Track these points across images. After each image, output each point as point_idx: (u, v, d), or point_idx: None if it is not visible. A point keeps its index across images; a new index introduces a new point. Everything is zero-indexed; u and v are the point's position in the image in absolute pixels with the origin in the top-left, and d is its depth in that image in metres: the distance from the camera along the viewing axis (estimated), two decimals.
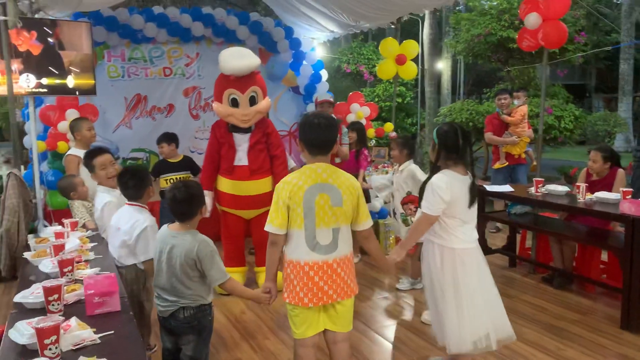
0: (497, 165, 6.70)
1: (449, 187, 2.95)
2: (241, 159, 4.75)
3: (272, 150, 4.86)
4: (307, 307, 2.67)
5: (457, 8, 15.70)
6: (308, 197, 2.60)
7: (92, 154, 3.68)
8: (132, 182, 3.23)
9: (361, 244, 2.87)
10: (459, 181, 3.00)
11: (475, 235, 3.11)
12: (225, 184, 4.82)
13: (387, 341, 3.97)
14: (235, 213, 4.86)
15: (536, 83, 9.22)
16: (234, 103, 4.63)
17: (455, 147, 2.98)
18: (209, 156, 4.87)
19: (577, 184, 4.75)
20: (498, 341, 3.03)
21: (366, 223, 2.74)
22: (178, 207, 2.69)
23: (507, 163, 6.58)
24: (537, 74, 10.02)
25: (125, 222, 3.15)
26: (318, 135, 2.65)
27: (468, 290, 2.99)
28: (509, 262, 5.68)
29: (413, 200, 4.52)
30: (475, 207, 3.08)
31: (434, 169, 3.08)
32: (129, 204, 3.24)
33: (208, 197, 4.68)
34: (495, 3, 9.41)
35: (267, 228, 2.67)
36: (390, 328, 4.16)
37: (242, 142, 4.76)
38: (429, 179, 3.07)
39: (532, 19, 4.94)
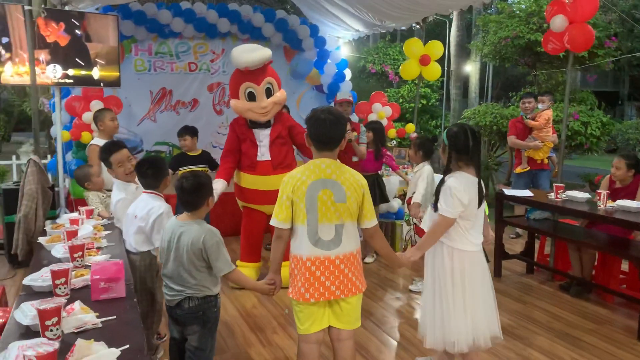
0: (518, 170, 6.60)
1: (466, 190, 2.93)
2: (264, 154, 4.79)
3: (301, 139, 4.85)
4: (309, 303, 2.68)
5: (488, 11, 15.51)
6: (311, 192, 2.61)
7: (109, 150, 3.65)
8: (151, 171, 3.27)
9: (368, 242, 2.86)
10: (472, 183, 2.98)
11: (481, 238, 3.10)
12: (248, 180, 4.85)
13: (396, 342, 3.95)
14: (258, 209, 4.88)
15: (564, 88, 9.04)
16: (251, 97, 4.68)
17: (466, 148, 2.95)
18: (227, 152, 4.91)
19: (599, 190, 4.65)
20: (490, 338, 3.06)
21: (370, 222, 2.72)
22: (185, 197, 2.72)
23: (528, 167, 6.48)
24: (566, 79, 9.82)
25: (142, 209, 3.19)
26: (324, 131, 2.65)
27: (472, 292, 3.00)
28: (527, 269, 5.59)
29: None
30: (481, 210, 3.06)
31: (446, 171, 3.06)
32: (145, 192, 3.29)
33: (217, 182, 4.63)
34: (524, 6, 9.26)
35: (272, 222, 2.69)
36: (400, 329, 4.13)
37: (263, 138, 4.81)
38: (442, 181, 3.05)
39: (558, 22, 4.85)
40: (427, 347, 3.17)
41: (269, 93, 4.73)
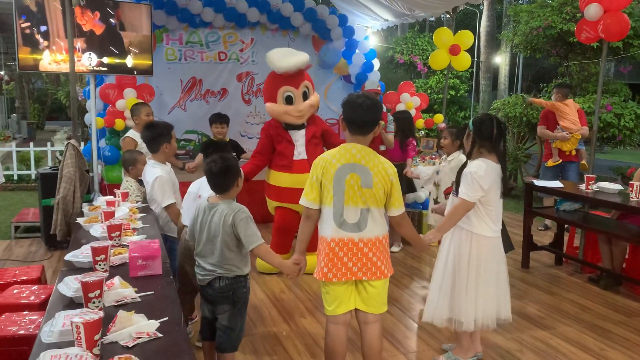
0: (550, 163, 6.53)
1: (487, 174, 3.01)
2: (300, 153, 4.92)
3: (334, 140, 5.08)
4: (334, 284, 2.73)
5: (519, 1, 15.25)
6: (339, 175, 2.66)
7: (170, 127, 3.82)
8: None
9: (396, 229, 2.90)
10: (494, 169, 3.06)
11: (500, 225, 3.19)
12: (284, 179, 4.93)
13: (421, 328, 3.97)
14: (292, 207, 4.93)
15: (596, 79, 8.87)
16: (289, 100, 4.81)
17: (490, 135, 3.04)
18: (258, 153, 5.00)
19: (632, 182, 4.58)
20: (499, 320, 3.20)
21: (397, 210, 2.74)
22: (214, 179, 2.79)
23: (560, 160, 6.41)
24: (599, 70, 9.63)
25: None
26: (360, 115, 2.69)
27: (486, 276, 3.10)
28: (555, 260, 5.54)
29: None
30: (501, 199, 3.14)
31: (468, 157, 3.15)
32: None
33: None
34: None
35: (301, 202, 2.76)
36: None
37: (299, 137, 4.94)
38: (464, 166, 3.13)
39: (593, 10, 4.77)
40: (423, 320, 3.37)
41: (305, 96, 4.87)
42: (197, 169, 4.64)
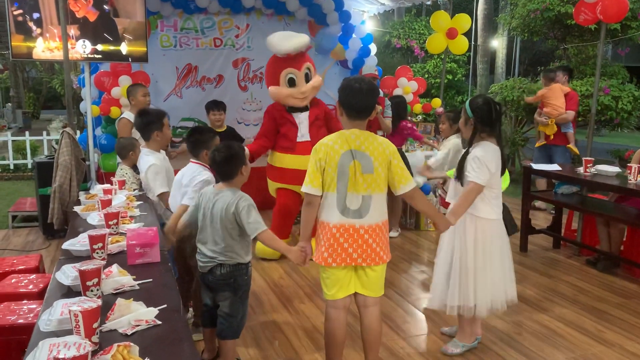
0: (537, 144, 6.80)
1: (493, 158, 3.04)
2: (304, 135, 4.94)
3: (334, 124, 5.05)
4: (333, 268, 2.73)
5: None
6: (342, 162, 2.64)
7: (163, 114, 3.77)
8: (194, 137, 3.38)
9: (411, 205, 2.87)
10: (496, 152, 3.09)
11: (501, 207, 3.21)
12: (288, 161, 4.95)
13: (420, 312, 3.99)
14: (294, 189, 4.93)
15: (594, 62, 8.83)
16: (291, 82, 4.82)
17: (490, 119, 3.06)
18: (262, 135, 5.01)
19: (630, 164, 4.58)
20: (507, 302, 3.23)
21: (406, 185, 2.69)
22: (218, 167, 2.80)
23: (544, 142, 6.60)
24: (596, 53, 9.58)
25: (187, 177, 3.27)
26: (359, 100, 2.66)
27: (492, 259, 3.12)
28: (553, 243, 5.56)
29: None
30: (500, 180, 3.17)
31: (470, 143, 3.14)
32: (193, 162, 3.35)
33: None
34: None
35: (303, 189, 2.71)
36: (424, 300, 4.16)
37: (302, 120, 4.95)
38: (467, 152, 3.12)
39: None
40: (428, 306, 3.43)
41: (307, 78, 4.89)
42: (179, 156, 4.66)
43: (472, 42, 14.37)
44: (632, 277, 4.68)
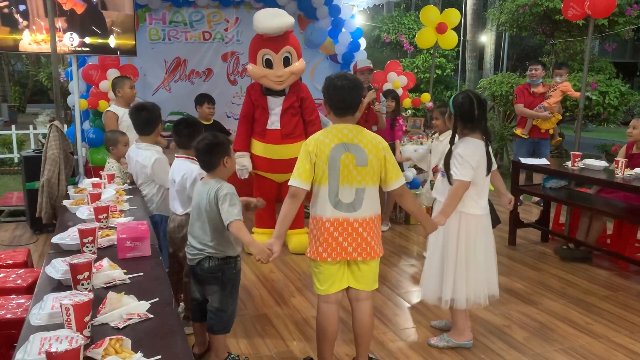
0: (518, 131, 6.71)
1: (474, 153, 3.06)
2: (274, 122, 4.80)
3: (307, 116, 4.90)
4: (327, 262, 2.72)
5: None
6: (333, 155, 2.63)
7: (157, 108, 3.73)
8: (187, 131, 3.31)
9: (398, 203, 2.89)
10: (478, 146, 3.09)
11: (487, 202, 3.22)
12: (258, 147, 4.87)
13: (410, 305, 4.01)
14: (267, 176, 4.92)
15: (582, 57, 8.89)
16: (268, 64, 4.67)
17: (471, 116, 3.06)
18: (244, 117, 4.92)
19: (617, 159, 4.63)
20: (489, 297, 3.26)
21: (397, 182, 2.72)
22: (200, 156, 2.79)
23: (527, 136, 6.60)
24: (584, 48, 9.65)
25: (177, 174, 3.26)
26: (343, 97, 2.67)
27: (475, 254, 3.15)
28: (541, 237, 5.61)
29: None
30: (488, 176, 3.18)
31: (452, 140, 3.15)
32: (179, 157, 3.33)
33: (245, 158, 4.77)
34: None
35: (291, 182, 2.67)
36: (414, 294, 4.19)
37: (275, 106, 4.80)
38: (450, 151, 3.14)
39: None
40: (422, 299, 3.46)
41: (286, 62, 4.71)
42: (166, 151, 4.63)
43: (461, 37, 14.41)
44: (618, 270, 4.73)
